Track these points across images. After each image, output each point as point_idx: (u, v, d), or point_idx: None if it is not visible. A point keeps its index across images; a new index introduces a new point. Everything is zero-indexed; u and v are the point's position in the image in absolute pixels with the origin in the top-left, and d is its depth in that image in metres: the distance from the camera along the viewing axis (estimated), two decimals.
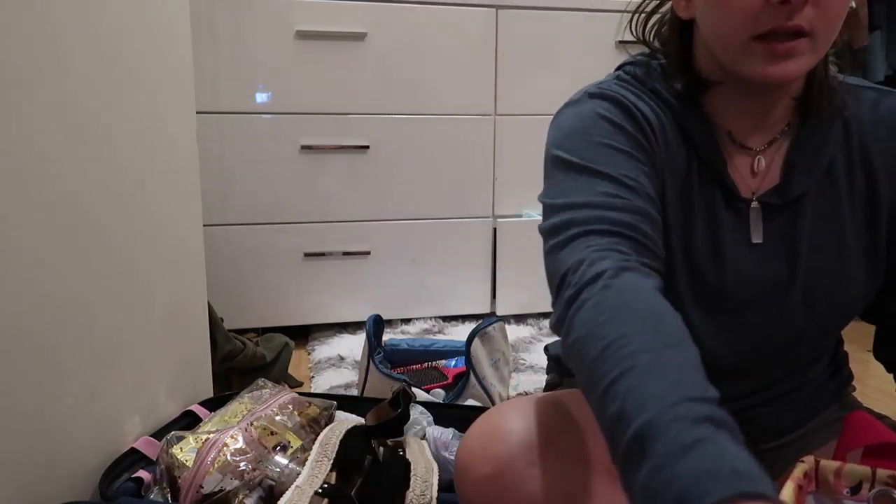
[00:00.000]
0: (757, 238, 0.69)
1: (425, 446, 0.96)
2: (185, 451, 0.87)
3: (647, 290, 0.52)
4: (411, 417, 1.01)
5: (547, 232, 0.62)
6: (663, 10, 0.74)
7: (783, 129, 0.70)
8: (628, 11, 0.75)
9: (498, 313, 1.91)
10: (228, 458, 0.85)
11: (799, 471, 0.58)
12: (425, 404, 1.09)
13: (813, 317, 0.71)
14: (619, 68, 0.74)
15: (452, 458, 0.97)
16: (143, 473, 0.90)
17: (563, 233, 0.59)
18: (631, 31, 0.75)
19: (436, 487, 0.85)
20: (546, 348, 1.34)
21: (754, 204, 0.69)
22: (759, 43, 0.60)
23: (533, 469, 0.58)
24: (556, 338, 0.96)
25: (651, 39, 0.74)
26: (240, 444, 0.87)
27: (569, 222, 0.59)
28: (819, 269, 0.70)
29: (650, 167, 0.65)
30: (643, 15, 0.74)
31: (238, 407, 0.99)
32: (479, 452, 0.60)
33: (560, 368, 1.21)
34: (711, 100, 0.69)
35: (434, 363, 1.45)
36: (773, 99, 0.68)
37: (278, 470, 0.87)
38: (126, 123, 0.94)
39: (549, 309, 2.13)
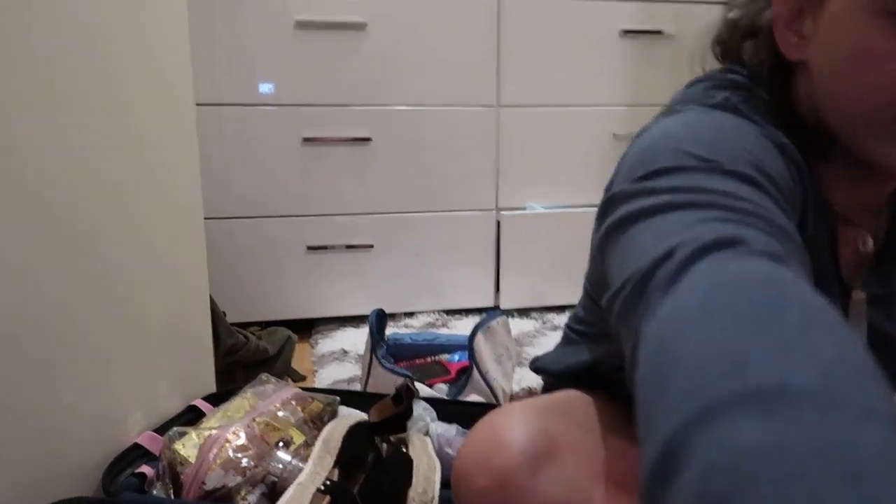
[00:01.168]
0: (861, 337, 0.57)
1: (428, 443, 0.96)
2: (188, 446, 0.86)
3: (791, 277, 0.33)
4: (414, 413, 1.00)
5: (618, 216, 0.41)
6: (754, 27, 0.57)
7: (887, 201, 0.58)
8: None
9: (501, 307, 1.90)
10: (231, 454, 0.85)
11: None
12: (428, 400, 1.09)
13: None
14: (714, 87, 0.55)
15: (455, 454, 0.96)
16: (145, 469, 0.90)
17: (646, 205, 0.39)
18: (715, 56, 0.59)
19: (438, 485, 0.84)
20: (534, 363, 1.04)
21: (859, 294, 0.56)
22: None
23: (535, 481, 0.54)
24: (543, 351, 0.86)
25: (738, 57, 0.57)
26: (242, 440, 0.87)
27: (665, 202, 0.39)
28: None
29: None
30: (732, 33, 0.57)
31: (241, 402, 0.99)
32: (479, 462, 0.56)
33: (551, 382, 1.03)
34: (817, 164, 0.54)
35: (437, 357, 1.45)
36: (891, 183, 0.56)
37: (281, 466, 0.87)
38: (124, 115, 0.93)
39: (552, 303, 2.08)
